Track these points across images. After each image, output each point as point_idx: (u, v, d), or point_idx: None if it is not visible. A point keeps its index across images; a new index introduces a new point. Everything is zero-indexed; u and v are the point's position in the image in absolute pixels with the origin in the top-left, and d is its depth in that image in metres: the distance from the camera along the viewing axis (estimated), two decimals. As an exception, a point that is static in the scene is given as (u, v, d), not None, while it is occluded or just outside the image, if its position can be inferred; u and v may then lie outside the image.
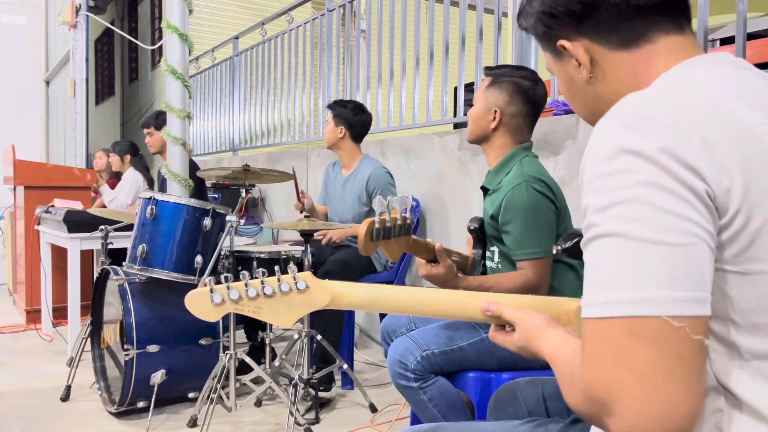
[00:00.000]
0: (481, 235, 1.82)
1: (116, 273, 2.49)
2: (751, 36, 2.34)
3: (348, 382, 2.84)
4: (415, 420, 1.91)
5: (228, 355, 2.37)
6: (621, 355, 0.62)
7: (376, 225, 1.25)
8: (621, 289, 0.63)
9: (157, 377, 2.38)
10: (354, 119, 3.06)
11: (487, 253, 1.83)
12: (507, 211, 1.67)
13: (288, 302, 0.93)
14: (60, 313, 3.88)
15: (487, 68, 1.84)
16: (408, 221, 1.34)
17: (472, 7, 3.24)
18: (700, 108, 0.67)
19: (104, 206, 4.92)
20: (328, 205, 3.23)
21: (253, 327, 3.02)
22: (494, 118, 1.77)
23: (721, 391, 0.69)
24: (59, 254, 3.83)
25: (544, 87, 1.81)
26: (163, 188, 3.53)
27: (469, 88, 3.74)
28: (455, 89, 3.82)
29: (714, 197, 0.64)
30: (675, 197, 0.62)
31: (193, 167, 3.14)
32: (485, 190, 1.83)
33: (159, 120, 3.81)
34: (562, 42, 0.82)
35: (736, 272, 0.66)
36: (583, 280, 0.68)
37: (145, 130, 3.98)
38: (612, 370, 0.62)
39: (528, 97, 1.77)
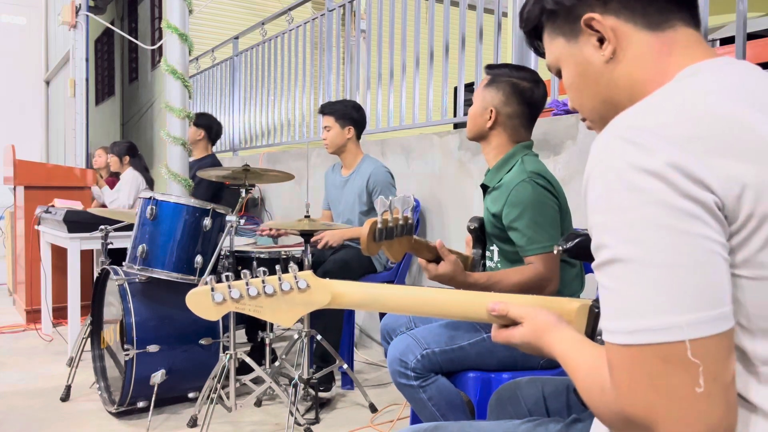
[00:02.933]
0: (480, 234, 1.82)
1: (116, 273, 2.49)
2: (751, 36, 2.34)
3: (348, 382, 2.84)
4: (414, 420, 1.91)
5: (228, 355, 2.37)
6: (657, 382, 0.62)
7: (379, 225, 1.25)
8: (646, 316, 0.62)
9: (157, 377, 2.38)
10: (358, 116, 3.05)
11: (487, 253, 1.83)
12: (513, 208, 1.66)
13: (289, 301, 0.93)
14: (60, 313, 3.88)
15: (488, 66, 1.84)
16: (409, 221, 1.34)
17: (472, 7, 3.24)
18: (707, 116, 0.66)
19: (104, 205, 4.92)
20: (330, 206, 3.22)
21: (253, 327, 3.02)
22: (490, 117, 1.77)
23: None
24: (59, 254, 3.83)
25: (545, 88, 1.80)
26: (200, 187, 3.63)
27: (469, 88, 3.74)
28: (455, 89, 3.82)
29: (723, 206, 0.63)
30: (685, 215, 0.62)
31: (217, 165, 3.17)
32: (485, 188, 1.83)
33: (200, 118, 3.95)
34: (591, 15, 0.80)
35: (746, 277, 0.65)
36: (601, 303, 0.67)
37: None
38: (649, 397, 0.63)
39: (525, 98, 1.76)
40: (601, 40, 0.81)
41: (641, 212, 0.62)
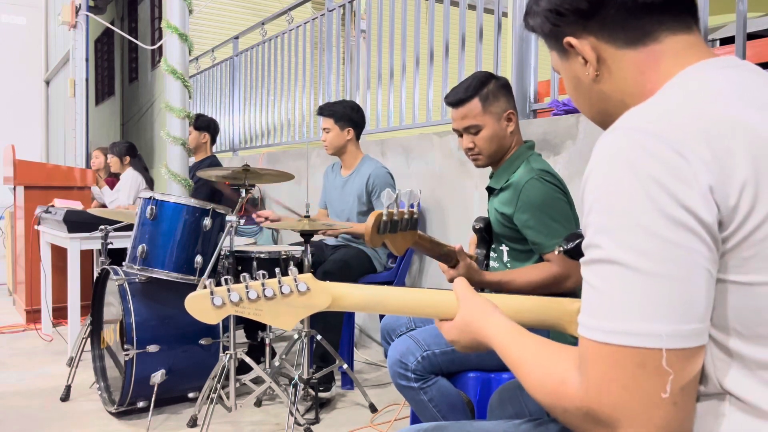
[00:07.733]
0: (485, 235, 1.82)
1: (116, 273, 2.49)
2: (751, 36, 2.34)
3: (348, 382, 2.84)
4: (415, 420, 1.91)
5: (228, 355, 2.37)
6: (630, 383, 0.64)
7: (384, 218, 1.26)
8: (629, 319, 0.64)
9: (157, 377, 2.38)
10: (357, 117, 3.05)
11: (493, 253, 1.83)
12: (526, 207, 1.66)
13: (289, 304, 0.93)
14: (60, 313, 3.88)
15: (453, 103, 1.82)
16: (414, 215, 1.34)
17: (472, 7, 3.24)
18: (710, 120, 0.66)
19: (103, 205, 4.92)
20: (328, 206, 3.22)
21: (253, 327, 3.02)
22: (510, 119, 1.79)
23: (726, 397, 0.69)
24: (59, 254, 3.83)
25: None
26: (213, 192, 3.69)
27: (469, 88, 3.73)
28: (455, 89, 3.82)
29: (718, 217, 0.64)
30: (681, 227, 0.63)
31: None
32: (490, 190, 1.83)
33: (199, 120, 3.92)
34: (569, 39, 0.81)
35: (740, 283, 0.66)
36: (583, 299, 0.68)
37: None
38: (619, 396, 0.65)
39: (509, 88, 1.81)
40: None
41: (638, 219, 0.63)
